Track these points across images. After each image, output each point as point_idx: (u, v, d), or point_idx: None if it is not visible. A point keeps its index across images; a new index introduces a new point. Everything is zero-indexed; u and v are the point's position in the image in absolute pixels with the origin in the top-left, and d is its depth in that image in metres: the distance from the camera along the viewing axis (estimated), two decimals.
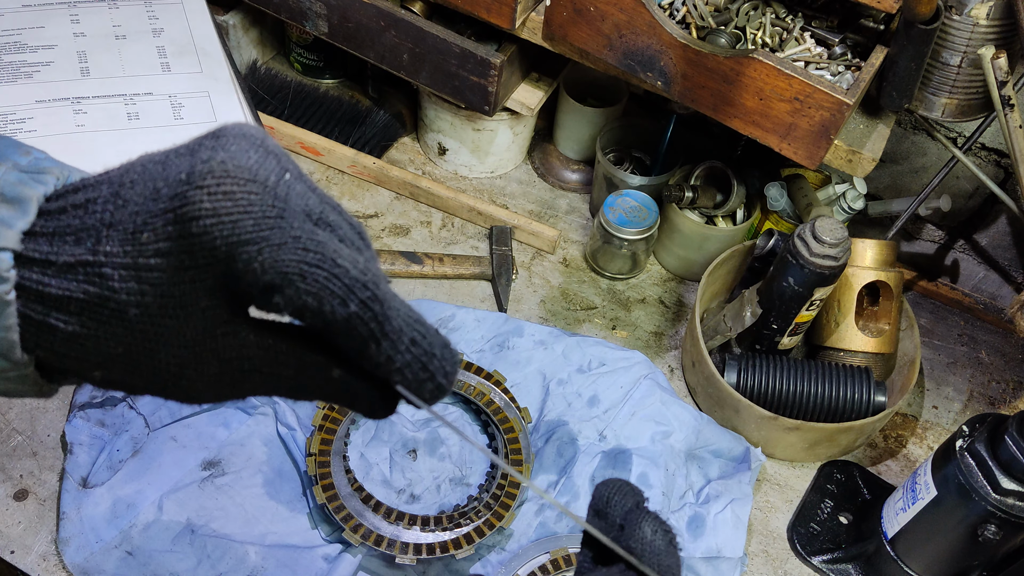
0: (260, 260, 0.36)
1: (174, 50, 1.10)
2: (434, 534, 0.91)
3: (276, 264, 0.36)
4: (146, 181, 0.37)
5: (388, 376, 0.39)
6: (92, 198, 0.37)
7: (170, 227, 0.36)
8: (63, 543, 0.88)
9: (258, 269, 0.36)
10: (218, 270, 0.36)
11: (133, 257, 0.36)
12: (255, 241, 0.35)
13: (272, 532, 0.91)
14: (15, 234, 0.36)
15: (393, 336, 0.38)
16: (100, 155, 0.98)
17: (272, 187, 0.37)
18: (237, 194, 0.36)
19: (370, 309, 0.37)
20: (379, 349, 0.38)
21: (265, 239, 0.36)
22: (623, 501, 0.44)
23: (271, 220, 0.36)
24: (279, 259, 0.36)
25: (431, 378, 0.40)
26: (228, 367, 0.39)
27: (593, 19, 0.99)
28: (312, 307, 0.37)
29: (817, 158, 0.96)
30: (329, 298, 0.36)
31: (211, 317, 0.38)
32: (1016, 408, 1.15)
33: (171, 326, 0.37)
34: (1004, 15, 0.92)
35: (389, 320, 0.38)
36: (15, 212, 0.36)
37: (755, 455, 1.01)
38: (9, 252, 0.36)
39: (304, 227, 0.37)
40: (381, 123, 1.32)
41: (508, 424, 0.99)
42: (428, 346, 0.39)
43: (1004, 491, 0.81)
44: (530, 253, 1.24)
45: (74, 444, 0.93)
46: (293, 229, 0.36)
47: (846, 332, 1.08)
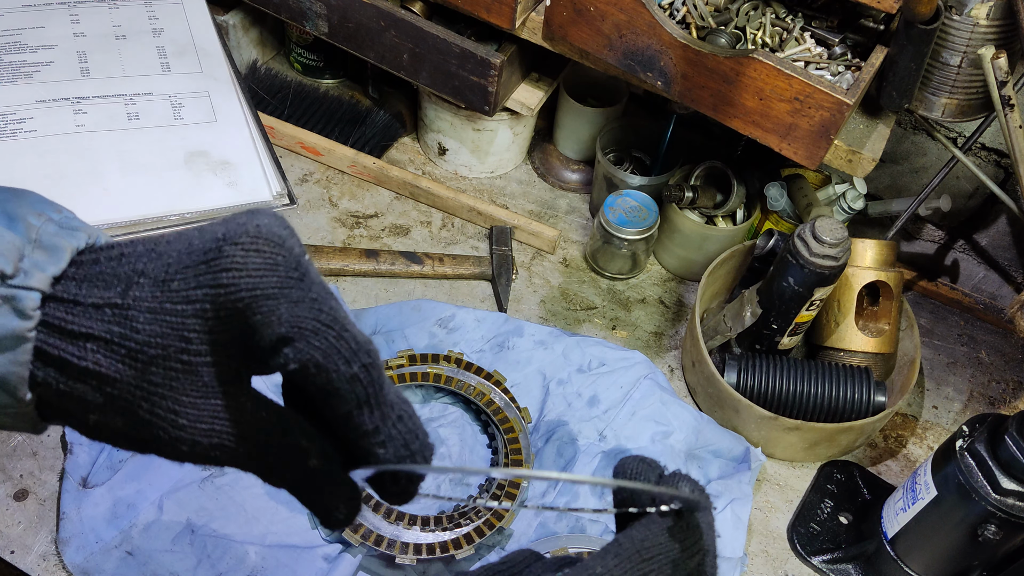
0: (278, 313, 0.39)
1: (174, 50, 1.10)
2: (434, 534, 0.91)
3: (292, 319, 0.39)
4: (182, 239, 0.40)
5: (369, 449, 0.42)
6: (127, 252, 0.40)
7: (201, 276, 0.39)
8: (63, 543, 0.88)
9: (275, 321, 0.39)
10: (236, 324, 0.39)
11: (160, 302, 0.39)
12: (276, 296, 0.39)
13: (272, 532, 0.91)
14: (47, 277, 0.39)
15: (385, 407, 0.41)
16: (100, 155, 0.98)
17: (297, 256, 0.40)
18: (267, 253, 0.39)
19: (369, 373, 0.40)
20: (371, 416, 0.41)
21: (286, 296, 0.39)
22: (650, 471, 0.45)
23: (293, 280, 0.39)
24: (296, 314, 0.39)
25: (411, 457, 0.42)
26: (219, 427, 0.41)
27: (593, 19, 0.99)
28: (319, 362, 0.39)
29: (817, 158, 0.96)
30: (335, 356, 0.39)
31: (218, 374, 0.40)
32: (1016, 408, 1.15)
33: (181, 376, 0.40)
34: (1004, 15, 0.92)
35: (383, 390, 0.41)
36: (49, 258, 0.39)
37: (755, 455, 1.01)
38: (38, 293, 0.39)
39: (321, 293, 0.40)
40: (381, 123, 1.32)
41: (508, 424, 0.99)
42: (413, 426, 0.42)
43: (1004, 491, 0.81)
44: (530, 253, 1.24)
45: (74, 444, 0.93)
46: (311, 291, 0.40)
47: (846, 332, 1.08)
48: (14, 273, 0.38)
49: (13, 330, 0.38)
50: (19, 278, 0.38)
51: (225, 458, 0.42)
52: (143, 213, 0.94)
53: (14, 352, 0.39)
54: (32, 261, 0.39)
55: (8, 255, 0.38)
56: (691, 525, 0.43)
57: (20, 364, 0.39)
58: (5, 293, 0.38)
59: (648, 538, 0.42)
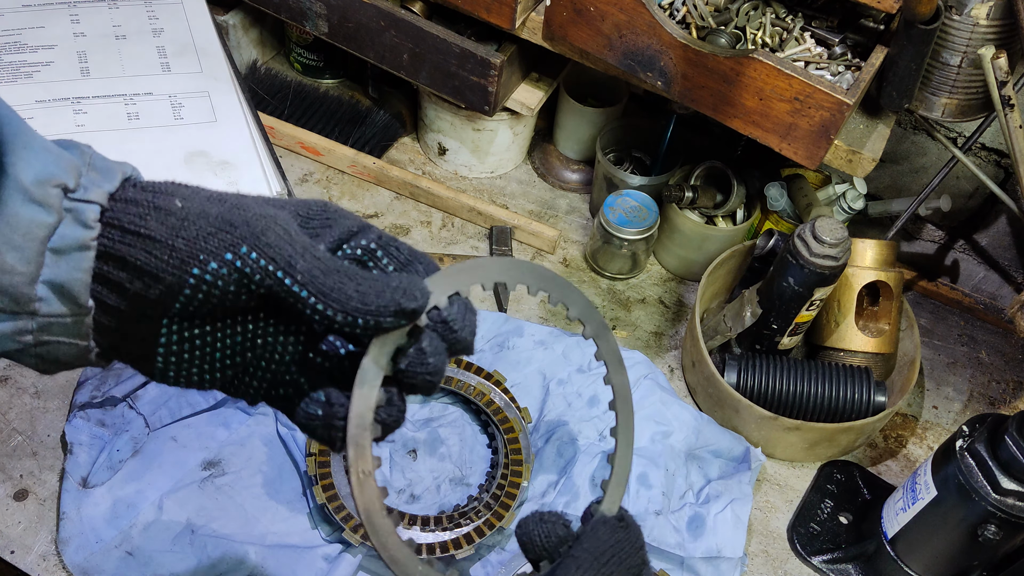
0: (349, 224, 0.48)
1: (174, 50, 1.10)
2: (434, 534, 0.91)
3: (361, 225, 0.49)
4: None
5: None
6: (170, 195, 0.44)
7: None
8: (63, 543, 0.88)
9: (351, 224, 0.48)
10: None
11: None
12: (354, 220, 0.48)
13: (272, 532, 0.91)
14: (104, 192, 0.43)
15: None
16: None
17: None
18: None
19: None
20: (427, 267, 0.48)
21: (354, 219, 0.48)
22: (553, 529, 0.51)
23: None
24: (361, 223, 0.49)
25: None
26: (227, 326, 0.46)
27: (593, 19, 0.99)
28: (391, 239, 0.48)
29: (817, 158, 0.96)
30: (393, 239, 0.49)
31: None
32: (1016, 408, 1.15)
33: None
34: (1004, 15, 0.92)
35: None
36: (103, 178, 0.44)
37: (755, 455, 1.01)
38: (97, 205, 0.42)
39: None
40: (381, 123, 1.32)
41: (508, 424, 0.99)
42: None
43: (1004, 491, 0.81)
44: (530, 253, 1.24)
45: (74, 444, 0.93)
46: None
47: (846, 332, 1.08)
48: (76, 187, 0.42)
49: (77, 239, 0.42)
50: (79, 192, 0.42)
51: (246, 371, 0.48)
52: None
53: (79, 258, 0.42)
54: (90, 179, 0.43)
55: (70, 172, 0.42)
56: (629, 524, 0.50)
57: (83, 271, 0.42)
58: (68, 206, 0.42)
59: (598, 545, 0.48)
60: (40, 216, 0.41)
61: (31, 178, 0.41)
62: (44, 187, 0.41)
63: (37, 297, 0.42)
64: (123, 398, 0.97)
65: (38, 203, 0.41)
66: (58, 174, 0.42)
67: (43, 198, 0.41)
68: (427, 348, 0.45)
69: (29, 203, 0.41)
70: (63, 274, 0.42)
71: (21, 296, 0.41)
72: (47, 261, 0.41)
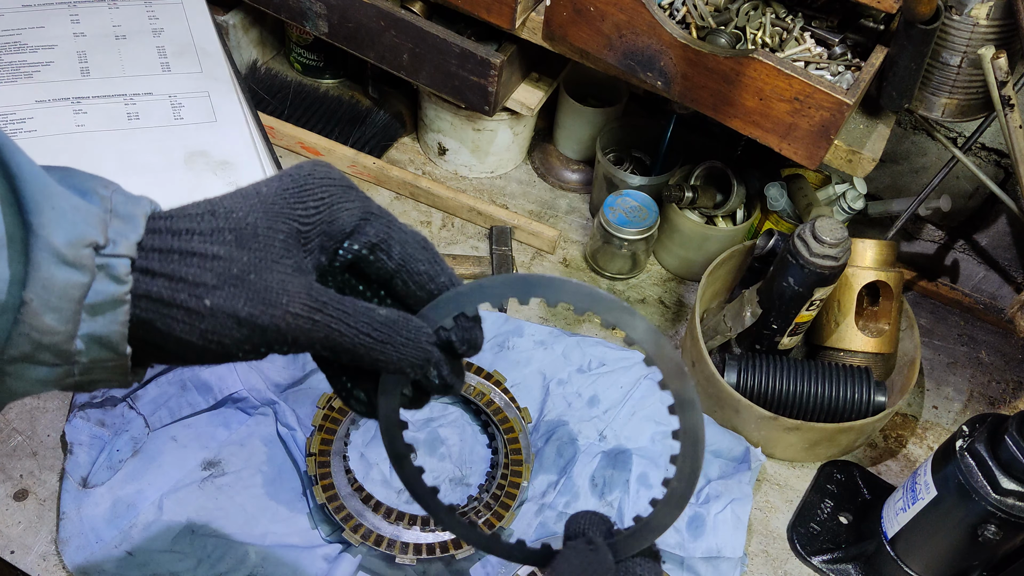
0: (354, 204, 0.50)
1: (174, 50, 1.10)
2: (434, 534, 0.91)
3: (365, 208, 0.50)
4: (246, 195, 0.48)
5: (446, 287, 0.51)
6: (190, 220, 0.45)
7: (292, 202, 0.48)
8: (63, 543, 0.88)
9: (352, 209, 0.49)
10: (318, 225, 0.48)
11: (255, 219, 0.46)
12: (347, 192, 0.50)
13: (272, 532, 0.91)
14: (131, 244, 0.43)
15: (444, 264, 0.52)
16: (100, 155, 0.98)
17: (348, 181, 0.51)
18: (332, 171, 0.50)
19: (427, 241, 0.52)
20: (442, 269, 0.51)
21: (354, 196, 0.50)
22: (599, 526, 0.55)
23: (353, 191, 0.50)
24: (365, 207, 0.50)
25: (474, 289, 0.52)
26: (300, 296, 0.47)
27: (593, 19, 0.99)
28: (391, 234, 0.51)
29: (817, 158, 0.96)
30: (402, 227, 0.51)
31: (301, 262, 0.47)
32: (1016, 408, 1.15)
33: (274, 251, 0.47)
34: (1004, 15, 0.92)
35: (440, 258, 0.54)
36: (128, 226, 0.44)
37: (755, 455, 1.01)
38: (128, 259, 0.43)
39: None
40: (381, 123, 1.32)
41: (508, 424, 0.99)
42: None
43: (1004, 491, 0.81)
44: (530, 253, 1.24)
45: (74, 444, 0.93)
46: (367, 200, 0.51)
47: (846, 332, 1.08)
48: (106, 243, 0.42)
49: (112, 295, 0.42)
50: (110, 247, 0.43)
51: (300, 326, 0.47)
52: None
53: (115, 313, 0.43)
54: (115, 230, 0.43)
55: (98, 227, 0.42)
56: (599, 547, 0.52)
57: (120, 323, 0.43)
58: (101, 262, 0.42)
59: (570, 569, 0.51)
60: (75, 277, 0.41)
61: (62, 240, 0.41)
62: (76, 248, 0.41)
63: (77, 350, 0.43)
64: (123, 398, 0.97)
65: (72, 265, 0.41)
66: (88, 233, 0.42)
67: (76, 259, 0.41)
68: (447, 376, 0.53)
69: (63, 265, 0.41)
70: (100, 328, 0.43)
71: (62, 352, 0.43)
72: (84, 318, 0.42)
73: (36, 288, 0.41)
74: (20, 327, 0.41)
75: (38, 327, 0.41)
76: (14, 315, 0.41)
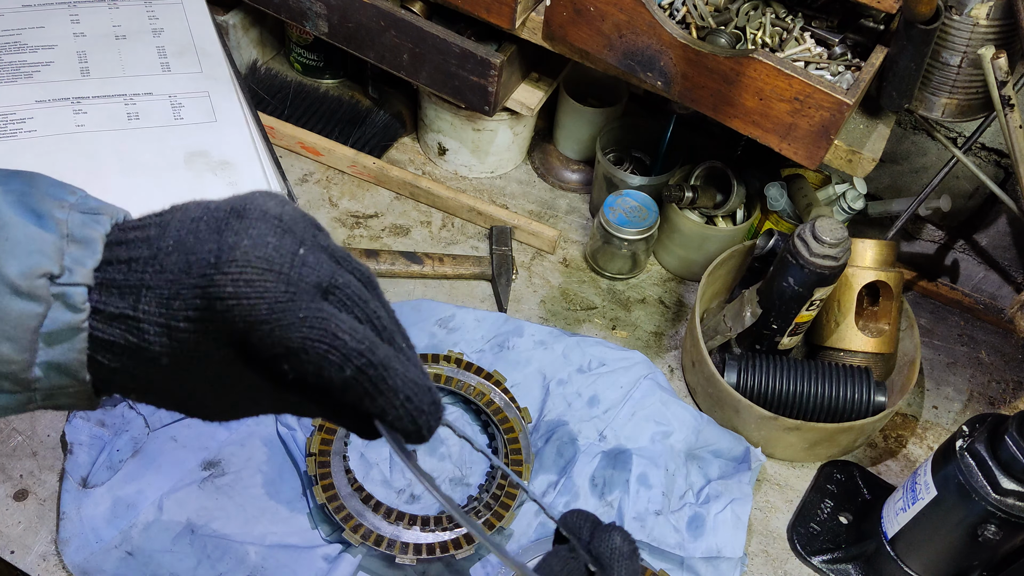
0: (271, 338, 0.42)
1: (174, 50, 1.10)
2: (434, 534, 0.91)
3: (284, 340, 0.42)
4: (180, 252, 0.43)
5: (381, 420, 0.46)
6: (135, 257, 0.43)
7: (198, 300, 0.42)
8: (63, 543, 0.88)
9: (269, 344, 0.42)
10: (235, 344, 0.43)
11: (166, 319, 0.42)
12: (268, 321, 0.42)
13: (272, 532, 0.91)
14: (88, 271, 0.43)
15: (389, 394, 0.45)
16: (100, 155, 0.98)
17: (286, 273, 0.43)
18: (255, 282, 0.42)
19: (365, 373, 0.43)
20: (375, 403, 0.44)
21: (276, 320, 0.42)
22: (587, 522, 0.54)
23: (283, 304, 0.42)
24: (286, 337, 0.42)
25: (417, 431, 0.46)
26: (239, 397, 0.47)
27: (593, 19, 0.99)
28: (313, 373, 0.43)
29: (817, 158, 0.96)
30: (328, 367, 0.43)
31: (226, 363, 0.44)
32: (1016, 408, 1.15)
33: (193, 370, 0.44)
34: (1004, 15, 0.92)
35: (385, 380, 0.44)
36: (85, 252, 0.43)
37: (755, 455, 1.01)
38: (84, 287, 0.42)
39: (311, 306, 0.43)
40: (381, 123, 1.32)
41: (508, 424, 0.99)
42: (419, 403, 0.46)
43: (1004, 491, 0.81)
44: (530, 253, 1.24)
45: (74, 444, 0.93)
46: (300, 310, 0.43)
47: (846, 332, 1.08)
48: (61, 272, 0.42)
49: (68, 323, 0.42)
50: (65, 276, 0.42)
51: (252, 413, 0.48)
52: (143, 213, 0.94)
53: (72, 342, 0.43)
54: (72, 257, 0.42)
55: (53, 256, 0.42)
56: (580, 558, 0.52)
57: (79, 351, 0.43)
58: (56, 291, 0.42)
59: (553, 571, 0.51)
60: (30, 308, 0.41)
61: (16, 271, 0.41)
62: (30, 279, 0.41)
63: (36, 378, 0.43)
64: (122, 398, 0.97)
65: (26, 295, 0.41)
66: (42, 263, 0.41)
67: (30, 290, 0.41)
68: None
69: (16, 297, 0.41)
70: (58, 356, 0.43)
71: (20, 380, 0.43)
72: (40, 347, 0.42)
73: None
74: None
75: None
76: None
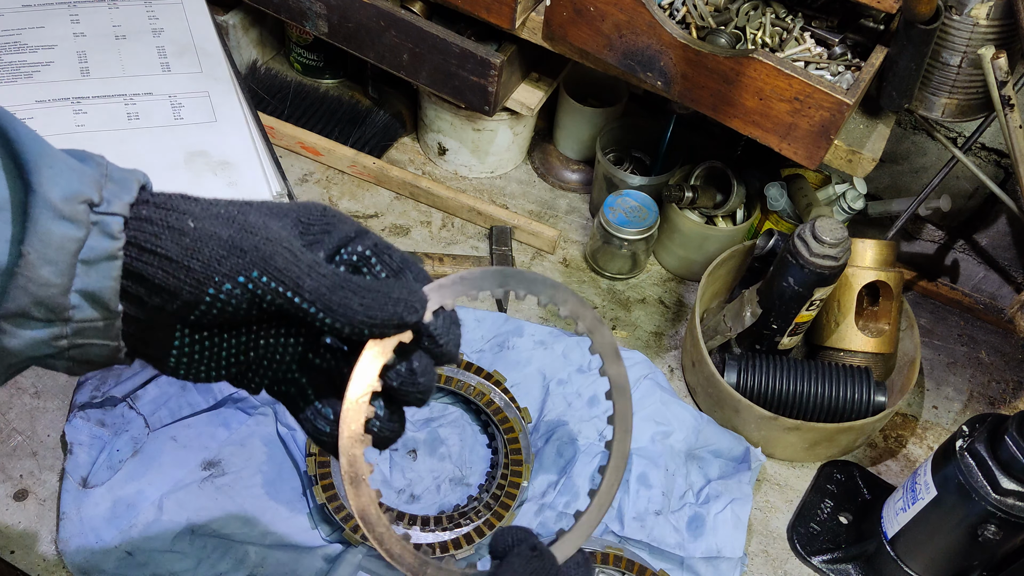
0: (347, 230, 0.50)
1: (174, 50, 1.10)
2: (434, 534, 0.91)
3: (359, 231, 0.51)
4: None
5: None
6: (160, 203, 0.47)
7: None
8: (63, 543, 0.88)
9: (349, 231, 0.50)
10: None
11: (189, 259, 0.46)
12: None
13: (272, 532, 0.91)
14: (125, 204, 0.45)
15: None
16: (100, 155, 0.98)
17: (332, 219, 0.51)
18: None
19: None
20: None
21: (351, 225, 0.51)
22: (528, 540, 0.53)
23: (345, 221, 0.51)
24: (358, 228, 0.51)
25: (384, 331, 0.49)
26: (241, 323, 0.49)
27: (593, 19, 0.99)
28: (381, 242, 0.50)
29: (817, 158, 0.96)
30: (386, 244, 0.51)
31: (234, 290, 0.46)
32: (1016, 408, 1.15)
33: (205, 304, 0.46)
34: (1004, 15, 0.92)
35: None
36: (122, 189, 0.46)
37: (755, 455, 1.01)
38: (121, 217, 0.45)
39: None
40: (381, 123, 1.32)
41: (508, 424, 0.99)
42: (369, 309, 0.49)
43: (1004, 491, 0.81)
44: (530, 253, 1.24)
45: (74, 444, 0.93)
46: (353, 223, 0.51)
47: (846, 332, 1.08)
48: (100, 201, 0.45)
49: (105, 250, 0.44)
50: (104, 205, 0.45)
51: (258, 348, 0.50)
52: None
53: (107, 267, 0.45)
54: (110, 191, 0.45)
55: (93, 187, 0.45)
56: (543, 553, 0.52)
57: (112, 279, 0.45)
58: (95, 219, 0.44)
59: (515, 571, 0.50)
60: (71, 231, 0.44)
61: (59, 196, 0.43)
62: (72, 204, 0.44)
63: (71, 305, 0.45)
64: (123, 398, 0.97)
65: (68, 219, 0.44)
66: (83, 190, 0.44)
67: (72, 214, 0.44)
68: (417, 368, 0.50)
69: (60, 220, 0.43)
70: (94, 283, 0.45)
71: (56, 306, 0.44)
72: (78, 272, 0.44)
73: (33, 242, 0.43)
74: (17, 280, 0.43)
75: (35, 279, 0.43)
76: (12, 269, 0.42)
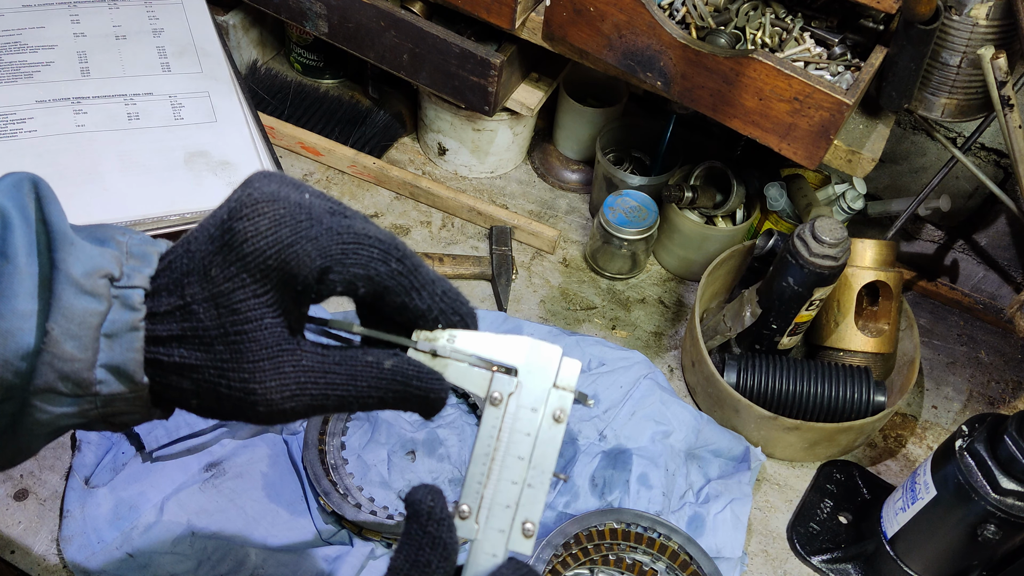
0: (308, 254, 0.46)
1: (174, 50, 1.10)
2: None
3: (320, 251, 0.46)
4: (202, 230, 0.47)
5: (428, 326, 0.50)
6: (173, 259, 0.48)
7: (228, 255, 0.46)
8: (65, 541, 0.88)
9: (307, 260, 0.46)
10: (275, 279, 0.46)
11: (209, 290, 0.46)
12: (297, 241, 0.46)
13: (273, 534, 0.91)
14: (145, 277, 0.47)
15: (428, 287, 0.49)
16: (100, 155, 0.98)
17: (296, 201, 0.47)
18: (269, 213, 0.46)
19: (404, 264, 0.48)
20: (421, 297, 0.49)
21: (304, 236, 0.46)
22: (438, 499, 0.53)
23: (304, 223, 0.46)
24: (321, 246, 0.46)
25: (462, 320, 0.51)
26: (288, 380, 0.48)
27: (593, 19, 0.99)
28: (361, 275, 0.47)
29: (817, 158, 0.96)
30: (372, 263, 0.47)
31: (275, 334, 0.47)
32: (1016, 408, 1.15)
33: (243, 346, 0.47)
34: (1004, 15, 0.92)
35: (420, 272, 0.49)
36: (142, 264, 0.48)
37: (755, 455, 1.01)
38: (141, 289, 0.47)
39: (332, 220, 0.47)
40: (381, 123, 1.32)
41: None
42: (455, 295, 0.51)
43: (1004, 491, 0.81)
44: (530, 253, 1.24)
45: (83, 442, 0.94)
46: (323, 224, 0.47)
47: (846, 332, 1.08)
48: (120, 276, 0.47)
49: (127, 322, 0.46)
50: (124, 280, 0.47)
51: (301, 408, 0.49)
52: (143, 213, 0.94)
53: (130, 339, 0.46)
54: (131, 267, 0.47)
55: (114, 262, 0.47)
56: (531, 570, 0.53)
57: (135, 351, 0.46)
58: (116, 293, 0.46)
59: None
60: (92, 305, 0.45)
61: (80, 272, 0.45)
62: (93, 278, 0.46)
63: (97, 380, 0.46)
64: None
65: (89, 294, 0.45)
66: (104, 265, 0.46)
67: (93, 289, 0.45)
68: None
69: (82, 295, 0.45)
70: (118, 356, 0.46)
71: (82, 380, 0.46)
72: (102, 346, 0.46)
73: (57, 317, 0.44)
74: (43, 356, 0.44)
75: (59, 355, 0.44)
76: (38, 348, 0.44)
